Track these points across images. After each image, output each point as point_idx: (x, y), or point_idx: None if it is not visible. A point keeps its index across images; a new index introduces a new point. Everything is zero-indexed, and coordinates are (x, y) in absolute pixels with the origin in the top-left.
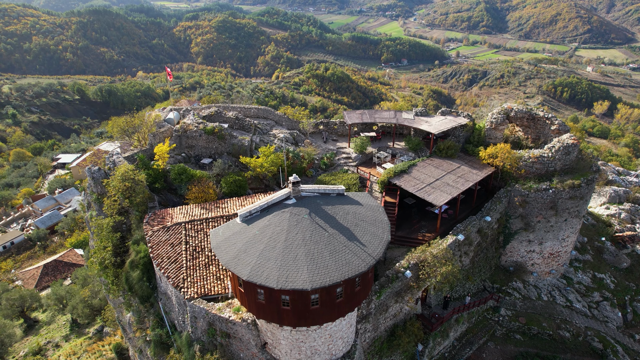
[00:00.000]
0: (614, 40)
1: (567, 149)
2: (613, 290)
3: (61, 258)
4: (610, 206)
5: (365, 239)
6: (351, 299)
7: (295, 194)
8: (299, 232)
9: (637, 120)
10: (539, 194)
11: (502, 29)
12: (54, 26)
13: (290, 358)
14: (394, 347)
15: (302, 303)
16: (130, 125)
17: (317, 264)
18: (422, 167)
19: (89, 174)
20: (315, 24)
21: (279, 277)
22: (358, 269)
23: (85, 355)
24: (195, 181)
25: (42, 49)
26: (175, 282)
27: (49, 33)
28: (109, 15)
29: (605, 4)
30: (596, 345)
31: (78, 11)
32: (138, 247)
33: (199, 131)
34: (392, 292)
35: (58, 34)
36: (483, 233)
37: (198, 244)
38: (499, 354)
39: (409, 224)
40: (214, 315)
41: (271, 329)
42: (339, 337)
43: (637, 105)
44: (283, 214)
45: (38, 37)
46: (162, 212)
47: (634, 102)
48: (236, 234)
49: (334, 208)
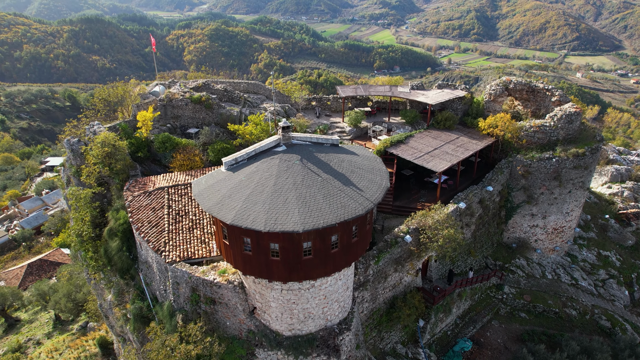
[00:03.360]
0: (602, 48)
1: (570, 117)
2: (619, 268)
3: (46, 257)
4: (613, 185)
5: (362, 184)
6: (348, 251)
7: (285, 140)
8: (289, 176)
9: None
10: (542, 164)
11: (492, 37)
12: (46, 34)
13: (281, 323)
14: (394, 320)
15: (293, 252)
16: (114, 96)
17: (310, 207)
18: (420, 137)
19: (67, 146)
20: (308, 32)
21: (267, 220)
22: (355, 211)
23: (68, 351)
24: (181, 149)
25: (33, 57)
26: (155, 246)
27: (40, 41)
28: (101, 23)
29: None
30: (604, 323)
31: (70, 20)
32: (117, 215)
33: (185, 100)
34: (392, 258)
35: (49, 42)
36: (485, 204)
37: (182, 207)
38: (503, 333)
39: (407, 194)
40: (197, 279)
41: (260, 289)
42: (334, 299)
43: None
44: (272, 160)
45: (29, 45)
46: (144, 179)
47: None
48: (220, 181)
49: (327, 156)
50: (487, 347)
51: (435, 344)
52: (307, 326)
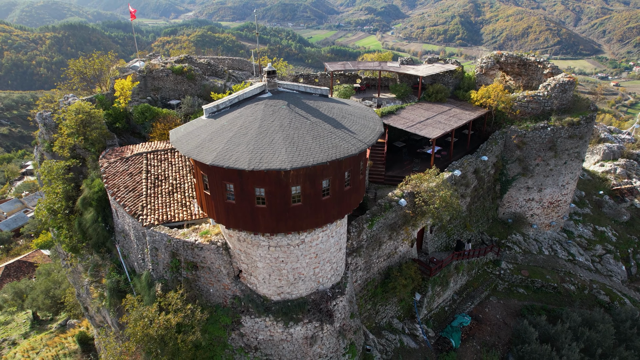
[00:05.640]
0: (583, 52)
1: (564, 86)
2: (615, 243)
3: (25, 259)
4: (605, 163)
5: (354, 128)
6: (340, 200)
7: (271, 87)
8: (275, 119)
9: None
10: (537, 133)
11: (477, 42)
12: (27, 41)
13: (269, 286)
14: (389, 291)
15: (281, 198)
16: (90, 69)
17: (298, 147)
18: (412, 109)
19: (40, 120)
20: (295, 38)
21: (251, 159)
22: (347, 151)
23: (45, 349)
24: (161, 118)
25: (15, 64)
26: (132, 210)
27: (22, 48)
28: (85, 30)
29: (572, 18)
30: (603, 298)
31: (53, 26)
32: (92, 183)
33: (166, 71)
34: (386, 223)
35: (32, 49)
36: (480, 176)
37: (161, 172)
38: (502, 308)
39: (400, 164)
40: (177, 242)
41: (245, 248)
42: (326, 259)
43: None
44: (257, 105)
45: (10, 52)
46: (121, 148)
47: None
48: (200, 128)
49: (317, 103)
50: (486, 322)
51: (432, 320)
52: (297, 289)
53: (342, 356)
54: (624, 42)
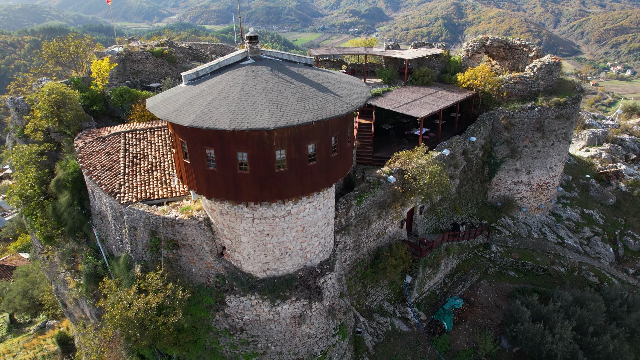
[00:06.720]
0: (563, 53)
1: (549, 67)
2: (603, 226)
3: (3, 262)
4: (590, 148)
5: (341, 92)
6: (327, 168)
7: (253, 53)
8: (258, 83)
9: None
10: (525, 114)
11: (460, 43)
12: (5, 45)
13: (255, 262)
14: (379, 272)
15: (264, 162)
16: (65, 53)
17: (282, 108)
18: (399, 92)
19: (11, 105)
20: (280, 40)
21: (232, 120)
22: (334, 112)
23: (23, 352)
24: (141, 100)
25: None
26: (109, 189)
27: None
28: (65, 33)
29: (551, 20)
30: (592, 279)
31: (32, 30)
32: (67, 164)
33: (146, 53)
34: (375, 201)
35: (9, 53)
36: (468, 157)
37: (140, 151)
38: (493, 291)
39: (387, 146)
40: (157, 219)
41: (228, 222)
42: (314, 233)
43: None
44: (238, 71)
45: None
46: (98, 129)
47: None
48: (178, 94)
49: (301, 70)
50: (478, 305)
51: (424, 303)
52: (284, 265)
53: (332, 337)
54: (601, 43)
